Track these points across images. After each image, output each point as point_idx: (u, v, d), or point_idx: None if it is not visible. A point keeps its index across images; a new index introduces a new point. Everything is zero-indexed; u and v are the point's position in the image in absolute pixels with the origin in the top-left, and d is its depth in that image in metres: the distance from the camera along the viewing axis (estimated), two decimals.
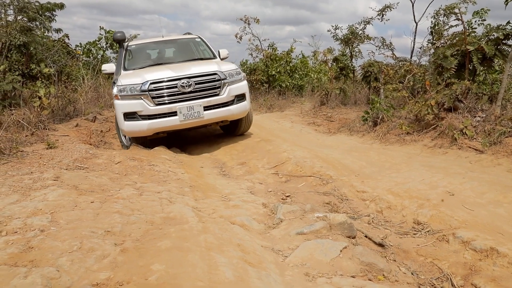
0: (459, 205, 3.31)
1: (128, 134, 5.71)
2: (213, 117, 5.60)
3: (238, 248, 2.23)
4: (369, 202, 3.70)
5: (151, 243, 2.16)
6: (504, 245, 2.52)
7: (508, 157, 4.17)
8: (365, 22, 7.83)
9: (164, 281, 1.67)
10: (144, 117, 5.34)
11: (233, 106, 5.73)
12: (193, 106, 5.39)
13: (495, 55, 5.21)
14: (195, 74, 5.51)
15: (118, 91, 5.41)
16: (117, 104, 5.49)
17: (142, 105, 5.30)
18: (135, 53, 6.74)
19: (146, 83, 5.29)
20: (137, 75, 5.62)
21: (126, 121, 5.40)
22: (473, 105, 5.18)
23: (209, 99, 5.52)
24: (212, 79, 5.56)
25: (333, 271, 2.26)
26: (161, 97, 5.34)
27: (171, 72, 5.50)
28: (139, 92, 5.29)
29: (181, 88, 5.35)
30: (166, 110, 5.34)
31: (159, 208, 2.97)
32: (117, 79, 5.64)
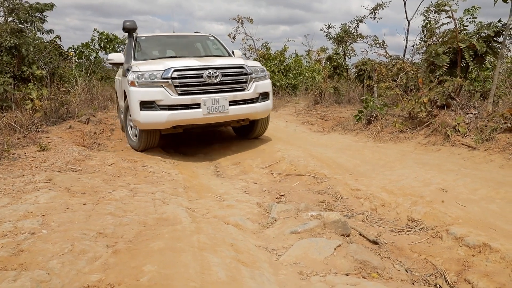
0: (453, 202, 3.32)
1: (142, 126, 5.10)
2: (238, 114, 5.18)
3: (232, 248, 2.22)
4: (363, 200, 3.70)
5: (143, 244, 2.14)
6: (497, 240, 2.53)
7: (500, 153, 4.20)
8: (358, 21, 7.86)
9: (156, 282, 1.65)
10: (163, 107, 4.85)
11: (258, 103, 5.35)
12: (218, 99, 4.96)
13: (486, 52, 5.25)
14: (223, 66, 5.13)
15: (135, 77, 4.90)
16: (132, 92, 4.93)
17: (163, 94, 4.80)
18: (146, 45, 6.34)
19: (169, 70, 4.83)
20: (158, 62, 5.21)
21: (143, 111, 4.87)
22: (466, 102, 5.21)
23: (235, 93, 5.11)
24: (239, 73, 5.19)
25: (327, 270, 2.26)
26: (185, 86, 4.88)
27: (196, 61, 5.11)
28: (160, 79, 4.82)
29: (207, 79, 4.91)
30: (189, 101, 4.88)
31: (152, 209, 2.96)
32: (131, 66, 5.24)
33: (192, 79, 4.90)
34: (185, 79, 4.88)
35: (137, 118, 4.96)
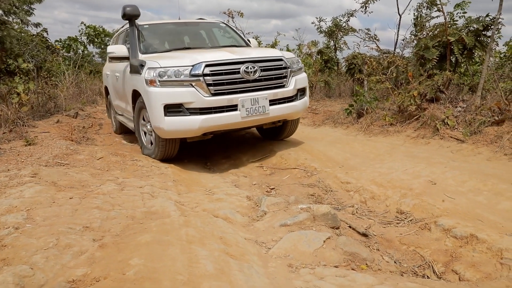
0: (441, 194, 3.35)
1: (167, 135, 4.22)
2: (278, 114, 4.44)
3: (220, 241, 2.20)
4: (353, 193, 3.71)
5: (131, 237, 2.12)
6: (483, 231, 2.56)
7: (487, 146, 4.24)
8: (349, 15, 7.85)
9: (142, 275, 1.63)
10: (194, 110, 4.04)
11: (298, 101, 4.64)
12: (258, 99, 4.22)
13: (475, 46, 5.29)
14: (261, 58, 4.36)
15: (156, 74, 4.07)
16: (152, 93, 4.08)
17: (194, 95, 3.99)
18: (150, 35, 5.46)
19: (200, 66, 4.02)
20: (178, 55, 4.41)
21: (168, 116, 4.04)
22: (455, 96, 5.25)
23: (275, 91, 4.39)
24: (279, 66, 4.45)
25: (316, 262, 2.26)
26: (219, 84, 4.08)
27: (230, 54, 4.28)
28: (188, 77, 4.01)
29: (245, 75, 4.14)
30: (226, 102, 4.09)
31: (140, 202, 2.92)
32: (146, 61, 4.36)
33: (227, 76, 4.11)
34: (219, 75, 4.08)
35: (160, 125, 4.10)
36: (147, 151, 4.84)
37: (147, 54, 4.86)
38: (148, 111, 4.27)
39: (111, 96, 6.61)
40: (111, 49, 5.13)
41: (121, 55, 5.04)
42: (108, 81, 6.63)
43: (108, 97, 7.09)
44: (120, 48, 5.11)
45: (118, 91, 5.88)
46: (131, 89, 4.82)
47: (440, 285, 1.95)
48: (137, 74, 4.43)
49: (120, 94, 5.76)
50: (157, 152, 4.57)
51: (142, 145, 4.96)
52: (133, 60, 4.68)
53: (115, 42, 6.62)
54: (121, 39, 6.29)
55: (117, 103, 6.28)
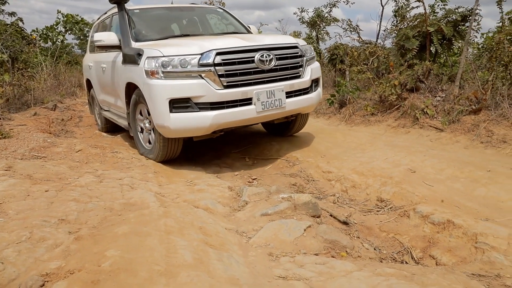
0: (420, 182, 3.40)
1: (173, 134, 3.75)
2: (294, 108, 4.05)
3: (200, 231, 2.19)
4: (335, 182, 3.74)
5: (108, 229, 2.08)
6: (460, 217, 2.61)
7: (465, 134, 4.32)
8: (331, 5, 7.85)
9: (119, 266, 1.60)
10: (204, 105, 3.56)
11: (313, 93, 4.26)
12: (274, 91, 3.80)
13: (454, 36, 5.36)
14: (276, 45, 3.92)
15: (158, 64, 3.55)
16: (155, 86, 3.57)
17: (204, 87, 3.51)
18: (142, 21, 4.88)
19: (210, 54, 3.53)
20: (187, 43, 3.84)
21: (174, 113, 3.56)
22: (434, 86, 5.32)
23: (292, 82, 3.98)
24: (294, 54, 4.03)
25: (297, 250, 2.27)
26: (232, 75, 3.62)
27: (242, 41, 3.81)
28: (196, 66, 3.51)
29: (260, 64, 3.70)
30: (240, 95, 3.65)
31: (119, 194, 2.87)
32: (143, 49, 3.82)
33: (241, 66, 3.66)
34: (232, 65, 3.61)
35: (165, 123, 3.61)
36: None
37: (141, 42, 4.33)
38: (150, 107, 3.75)
39: (95, 90, 6.11)
40: (99, 37, 4.51)
41: (111, 43, 4.49)
42: (91, 73, 6.08)
43: (91, 91, 6.55)
44: (109, 35, 4.53)
45: (105, 84, 5.35)
46: (124, 81, 4.29)
47: (417, 270, 1.98)
48: (133, 65, 3.92)
49: (108, 88, 5.26)
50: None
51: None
52: (127, 48, 4.18)
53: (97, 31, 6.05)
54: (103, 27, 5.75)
55: (103, 98, 5.78)
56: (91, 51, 6.37)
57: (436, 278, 1.81)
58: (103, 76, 5.34)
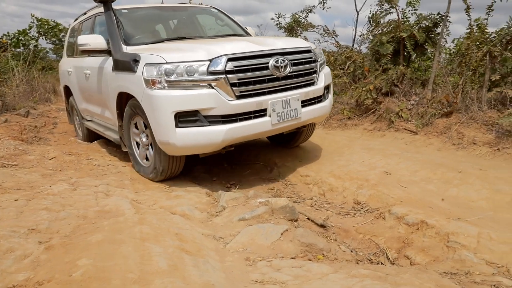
0: (395, 184, 3.47)
1: (179, 151, 3.34)
2: (309, 118, 3.71)
3: (176, 237, 2.16)
4: (312, 185, 3.77)
5: (81, 238, 2.03)
6: (433, 217, 2.68)
7: (438, 137, 4.45)
8: (308, 10, 7.95)
9: (91, 275, 1.57)
10: (214, 119, 3.16)
11: (326, 101, 3.92)
12: (290, 100, 3.45)
13: (426, 42, 5.53)
14: (289, 50, 3.57)
15: (161, 72, 3.13)
16: (158, 98, 3.15)
17: (215, 98, 3.11)
18: (131, 22, 4.40)
19: (220, 60, 3.14)
20: (192, 47, 3.45)
21: (181, 128, 3.14)
22: (408, 90, 5.46)
23: (307, 89, 3.64)
24: (308, 59, 3.68)
25: (274, 254, 2.27)
26: (246, 83, 3.24)
27: (254, 45, 3.44)
28: (205, 75, 3.12)
29: (275, 71, 3.34)
30: (254, 106, 3.27)
31: (94, 202, 2.82)
32: (141, 55, 3.39)
33: (255, 73, 3.27)
34: (245, 72, 3.23)
35: (170, 139, 3.18)
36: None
37: (132, 46, 3.89)
38: (151, 121, 3.30)
39: (76, 98, 5.58)
40: (84, 40, 4.02)
41: (98, 47, 4.01)
42: (71, 80, 5.53)
43: (70, 99, 6.03)
44: (95, 38, 4.06)
45: (89, 93, 4.87)
46: (115, 91, 3.83)
47: (391, 270, 2.02)
48: (128, 72, 3.48)
49: (93, 97, 4.77)
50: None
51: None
52: (119, 54, 3.76)
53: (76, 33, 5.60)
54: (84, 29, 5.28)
55: (85, 107, 5.29)
56: (69, 55, 5.98)
57: (409, 277, 1.85)
58: (86, 83, 4.84)
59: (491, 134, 4.09)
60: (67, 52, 6.15)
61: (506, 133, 3.94)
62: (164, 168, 3.58)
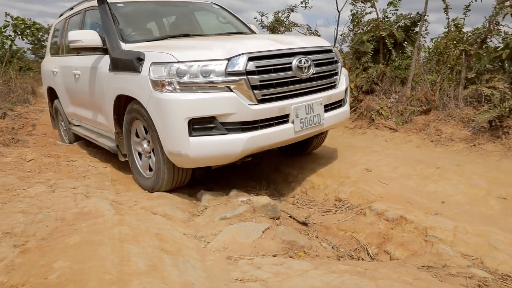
0: (376, 180, 3.52)
1: (192, 164, 3.03)
2: (331, 124, 3.45)
3: (156, 238, 2.14)
4: (294, 184, 3.79)
5: (58, 240, 1.99)
6: (412, 212, 2.73)
7: (417, 134, 4.54)
8: (290, 10, 7.99)
9: (67, 278, 1.54)
10: (233, 126, 2.82)
11: (346, 105, 3.68)
12: (313, 105, 3.15)
13: (405, 40, 5.63)
14: (311, 49, 3.28)
15: (172, 73, 2.78)
16: (168, 102, 2.80)
17: (234, 103, 2.77)
18: (127, 18, 3.99)
19: (240, 59, 2.80)
20: (206, 45, 3.12)
21: (194, 137, 2.80)
22: (388, 88, 5.55)
23: (329, 92, 3.37)
24: (330, 60, 3.41)
25: (255, 252, 2.27)
26: (268, 86, 2.91)
27: (275, 43, 3.12)
28: (223, 76, 2.77)
29: (298, 72, 3.03)
30: (277, 111, 2.96)
31: (72, 204, 2.77)
32: (146, 53, 3.05)
33: (277, 74, 2.95)
34: (268, 73, 2.91)
35: (182, 150, 2.83)
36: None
37: (131, 43, 3.52)
38: (159, 130, 2.94)
39: (62, 101, 5.18)
40: (76, 36, 3.60)
41: (92, 44, 3.60)
42: (57, 80, 5.12)
43: (54, 102, 5.64)
44: (89, 34, 3.65)
45: (79, 95, 4.48)
46: (113, 94, 3.47)
47: (370, 265, 2.05)
48: (130, 73, 3.13)
49: (84, 100, 4.38)
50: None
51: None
52: (117, 52, 3.42)
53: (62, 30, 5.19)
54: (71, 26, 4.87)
55: (73, 111, 4.91)
56: (53, 54, 5.56)
57: (387, 272, 1.88)
58: (75, 85, 4.44)
59: (468, 130, 4.19)
60: (51, 51, 5.73)
61: (482, 129, 4.05)
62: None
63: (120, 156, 3.80)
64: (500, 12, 4.23)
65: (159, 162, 3.16)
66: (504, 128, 3.89)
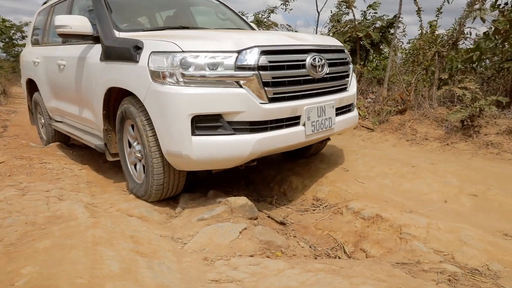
0: (353, 180, 3.57)
1: (193, 166, 2.76)
2: (340, 129, 3.27)
3: (131, 240, 2.11)
4: (273, 184, 3.80)
5: (27, 245, 1.93)
6: (387, 210, 2.77)
7: (393, 133, 4.63)
8: (270, 11, 8.03)
9: (35, 283, 1.49)
10: (241, 125, 2.59)
11: (355, 110, 3.55)
12: (325, 107, 2.96)
13: (381, 41, 5.74)
14: (326, 47, 3.11)
15: (176, 64, 2.52)
16: (169, 96, 2.54)
17: (244, 100, 2.54)
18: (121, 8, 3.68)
19: (251, 52, 2.57)
20: (214, 36, 2.93)
21: (199, 136, 2.55)
22: (365, 88, 5.64)
23: (341, 95, 3.19)
24: (343, 60, 3.24)
25: (232, 253, 2.26)
26: (281, 84, 2.70)
27: (290, 38, 2.93)
28: (232, 70, 2.53)
29: (311, 70, 2.82)
30: (289, 112, 2.74)
31: (44, 207, 2.69)
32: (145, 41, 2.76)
33: (290, 71, 2.73)
34: (281, 69, 2.68)
35: (183, 150, 2.56)
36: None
37: (126, 32, 3.23)
38: (158, 127, 2.67)
39: (43, 94, 4.81)
40: (64, 21, 3.25)
41: (81, 31, 3.26)
42: (38, 72, 4.73)
43: (33, 95, 5.25)
44: (78, 20, 3.31)
45: (63, 88, 4.15)
46: (104, 86, 3.17)
47: (345, 264, 2.07)
48: (125, 62, 2.85)
49: (69, 93, 4.04)
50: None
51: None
52: (111, 39, 3.13)
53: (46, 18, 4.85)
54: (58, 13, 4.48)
55: (55, 105, 4.58)
56: (34, 43, 5.20)
57: (361, 269, 1.90)
58: (59, 76, 4.10)
59: (441, 130, 4.30)
60: (32, 41, 5.34)
61: (454, 128, 4.16)
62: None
63: (108, 155, 3.51)
64: (469, 15, 4.36)
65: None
66: (475, 127, 4.01)
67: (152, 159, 2.81)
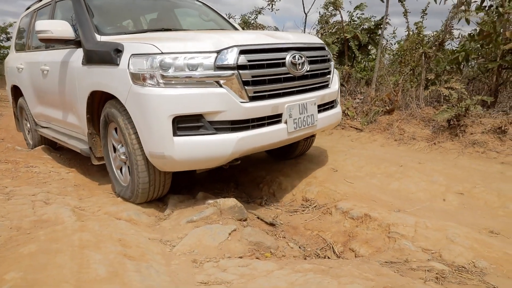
0: (342, 180, 3.59)
1: (176, 167, 2.77)
2: (323, 126, 3.32)
3: (119, 243, 2.09)
4: (262, 185, 3.80)
5: (12, 250, 1.90)
6: (375, 210, 2.79)
7: (381, 133, 4.67)
8: (257, 12, 8.05)
9: None
10: (222, 125, 2.62)
11: (338, 106, 3.58)
12: (306, 104, 3.01)
13: (369, 42, 5.79)
14: (305, 45, 3.12)
15: (156, 66, 2.54)
16: (150, 97, 2.55)
17: (224, 99, 2.58)
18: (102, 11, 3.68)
19: (230, 52, 2.61)
20: (193, 36, 2.95)
21: (180, 137, 2.57)
22: (354, 88, 5.68)
23: (322, 92, 3.24)
24: (323, 57, 3.28)
25: (221, 255, 2.26)
26: (261, 82, 2.74)
27: (268, 37, 2.95)
28: (212, 70, 2.57)
29: (292, 68, 2.88)
30: (270, 110, 2.78)
31: (30, 211, 2.65)
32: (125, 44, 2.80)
33: (270, 69, 2.78)
34: (260, 68, 2.73)
35: (165, 151, 2.58)
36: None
37: (107, 36, 3.25)
38: (140, 128, 2.69)
39: (28, 100, 4.82)
40: (45, 26, 3.26)
41: (63, 35, 3.28)
42: (22, 78, 4.75)
43: (18, 101, 5.25)
44: (59, 24, 3.31)
45: (47, 93, 4.16)
46: (86, 90, 3.18)
47: (334, 263, 2.08)
48: (106, 66, 2.88)
49: (53, 98, 4.04)
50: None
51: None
52: (92, 43, 3.15)
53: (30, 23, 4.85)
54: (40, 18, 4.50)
55: (40, 111, 4.57)
56: (18, 49, 5.22)
57: (350, 269, 1.91)
58: (43, 81, 4.11)
59: (428, 129, 4.36)
60: (16, 47, 5.35)
61: (441, 128, 4.22)
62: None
63: (94, 159, 3.50)
64: (455, 16, 4.44)
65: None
66: (461, 127, 4.07)
67: (135, 157, 2.82)
